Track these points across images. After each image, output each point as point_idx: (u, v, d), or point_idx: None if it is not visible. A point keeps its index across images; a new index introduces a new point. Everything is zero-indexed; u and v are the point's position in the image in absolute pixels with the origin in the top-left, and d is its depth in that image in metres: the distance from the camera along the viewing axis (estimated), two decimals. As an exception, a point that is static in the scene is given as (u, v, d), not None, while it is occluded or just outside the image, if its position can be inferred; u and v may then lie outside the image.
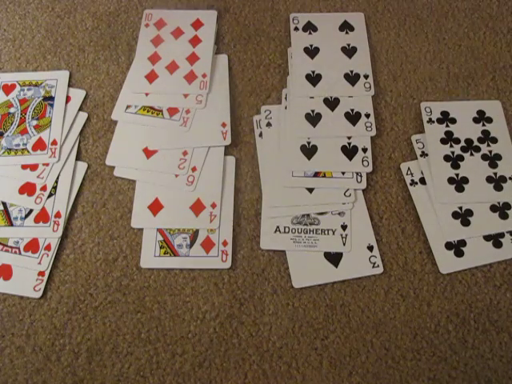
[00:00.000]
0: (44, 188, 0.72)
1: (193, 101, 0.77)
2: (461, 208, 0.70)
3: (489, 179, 0.71)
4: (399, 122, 0.77)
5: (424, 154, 0.74)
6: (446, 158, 0.73)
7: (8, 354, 0.65)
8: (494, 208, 0.70)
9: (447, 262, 0.68)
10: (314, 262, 0.68)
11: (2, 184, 0.73)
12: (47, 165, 0.74)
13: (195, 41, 0.82)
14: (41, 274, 0.68)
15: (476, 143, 0.74)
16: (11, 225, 0.70)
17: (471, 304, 0.66)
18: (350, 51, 0.81)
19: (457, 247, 0.68)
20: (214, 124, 0.76)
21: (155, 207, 0.71)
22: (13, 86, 0.80)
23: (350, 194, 0.71)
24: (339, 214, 0.71)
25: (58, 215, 0.71)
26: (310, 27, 0.83)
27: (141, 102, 0.78)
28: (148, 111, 0.77)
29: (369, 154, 0.74)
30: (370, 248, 0.69)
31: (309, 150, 0.74)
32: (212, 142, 0.75)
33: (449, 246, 0.68)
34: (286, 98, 0.78)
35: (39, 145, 0.75)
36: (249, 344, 0.65)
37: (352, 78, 0.79)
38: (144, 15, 0.85)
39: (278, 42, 0.84)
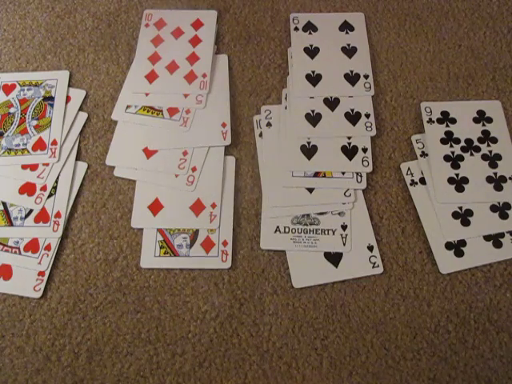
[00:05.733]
0: (44, 188, 0.72)
1: (193, 101, 0.77)
2: (461, 208, 0.70)
3: (489, 179, 0.71)
4: (399, 122, 0.77)
5: (424, 154, 0.74)
6: (446, 158, 0.73)
7: (8, 353, 0.65)
8: (494, 208, 0.70)
9: (447, 262, 0.68)
10: (314, 262, 0.68)
11: (2, 184, 0.73)
12: (47, 165, 0.74)
13: (195, 41, 0.82)
14: (41, 273, 0.68)
15: (476, 143, 0.74)
16: (11, 225, 0.70)
17: (471, 304, 0.66)
18: (350, 51, 0.81)
19: (457, 247, 0.68)
20: (214, 124, 0.76)
21: (155, 207, 0.71)
22: (13, 86, 0.80)
23: (350, 194, 0.71)
24: (339, 214, 0.71)
25: (58, 215, 0.71)
26: (310, 27, 0.83)
27: (141, 102, 0.78)
28: (148, 111, 0.77)
29: (369, 154, 0.74)
30: (370, 248, 0.69)
31: (309, 150, 0.74)
32: (212, 142, 0.75)
33: (449, 245, 0.68)
34: (286, 98, 0.78)
35: (39, 145, 0.75)
36: (249, 344, 0.65)
37: (352, 78, 0.79)
38: (144, 15, 0.85)
39: (278, 41, 0.84)
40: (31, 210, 0.71)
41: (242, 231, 0.71)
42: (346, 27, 0.83)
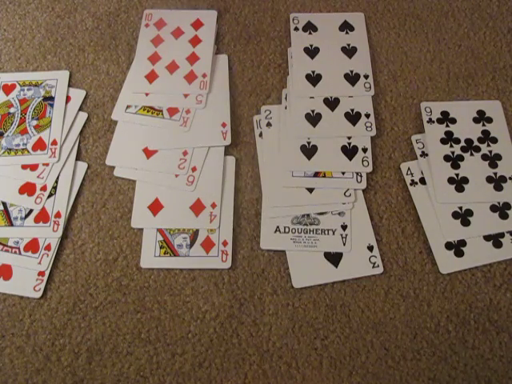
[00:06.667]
0: (44, 188, 0.72)
1: (193, 101, 0.77)
2: (461, 208, 0.70)
3: (489, 179, 0.71)
4: (399, 122, 0.77)
5: (424, 154, 0.74)
6: (446, 158, 0.73)
7: (8, 354, 0.65)
8: (494, 208, 0.70)
9: (447, 262, 0.68)
10: (314, 262, 0.68)
11: (2, 184, 0.73)
12: (47, 165, 0.74)
13: (195, 41, 0.82)
14: (41, 273, 0.68)
15: (476, 143, 0.74)
16: (11, 225, 0.70)
17: (471, 304, 0.66)
18: (350, 51, 0.81)
19: (457, 247, 0.68)
20: (214, 124, 0.76)
21: (155, 207, 0.71)
22: (13, 86, 0.80)
23: (350, 194, 0.71)
24: (339, 214, 0.71)
25: (58, 215, 0.71)
26: (309, 27, 0.83)
27: (141, 102, 0.78)
28: (148, 111, 0.77)
29: (369, 154, 0.74)
30: (370, 248, 0.69)
31: (309, 150, 0.74)
32: (212, 142, 0.75)
33: (449, 245, 0.68)
34: (286, 98, 0.78)
35: (39, 145, 0.75)
36: (249, 344, 0.65)
37: (352, 78, 0.79)
38: (144, 15, 0.85)
39: (278, 41, 0.84)
40: (31, 210, 0.71)
41: (242, 231, 0.71)
42: (346, 27, 0.83)
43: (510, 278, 0.67)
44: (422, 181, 0.72)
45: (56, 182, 0.73)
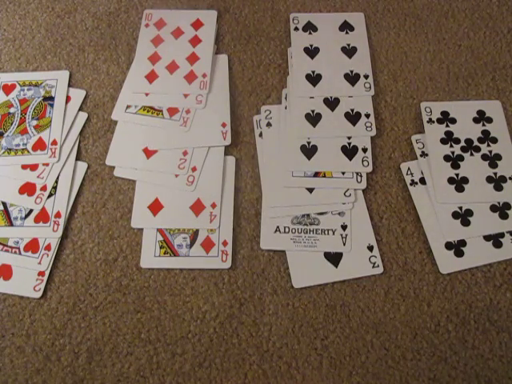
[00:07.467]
0: (44, 188, 0.72)
1: (193, 101, 0.77)
2: (461, 208, 0.70)
3: (489, 179, 0.71)
4: (399, 122, 0.77)
5: (424, 154, 0.74)
6: (446, 158, 0.73)
7: (8, 354, 0.65)
8: (494, 208, 0.70)
9: (447, 262, 0.68)
10: (314, 262, 0.68)
11: (2, 184, 0.73)
12: (47, 165, 0.74)
13: (195, 41, 0.82)
14: (41, 273, 0.68)
15: (476, 143, 0.74)
16: (11, 225, 0.70)
17: (471, 304, 0.66)
18: (350, 51, 0.81)
19: (457, 247, 0.68)
20: (214, 124, 0.76)
21: (155, 207, 0.71)
22: (13, 86, 0.80)
23: (350, 194, 0.71)
24: (339, 214, 0.71)
25: (58, 215, 0.71)
26: (310, 27, 0.83)
27: (141, 102, 0.78)
28: (148, 111, 0.77)
29: (369, 154, 0.74)
30: (370, 248, 0.69)
31: (309, 150, 0.74)
32: (212, 142, 0.75)
33: (449, 245, 0.68)
34: (286, 98, 0.78)
35: (39, 145, 0.75)
36: (249, 344, 0.65)
37: (352, 78, 0.79)
38: (144, 15, 0.85)
39: (278, 41, 0.84)
40: (31, 210, 0.71)
41: (242, 231, 0.71)
42: (346, 27, 0.83)
43: (510, 277, 0.67)
44: (422, 181, 0.72)
45: (56, 182, 0.73)
